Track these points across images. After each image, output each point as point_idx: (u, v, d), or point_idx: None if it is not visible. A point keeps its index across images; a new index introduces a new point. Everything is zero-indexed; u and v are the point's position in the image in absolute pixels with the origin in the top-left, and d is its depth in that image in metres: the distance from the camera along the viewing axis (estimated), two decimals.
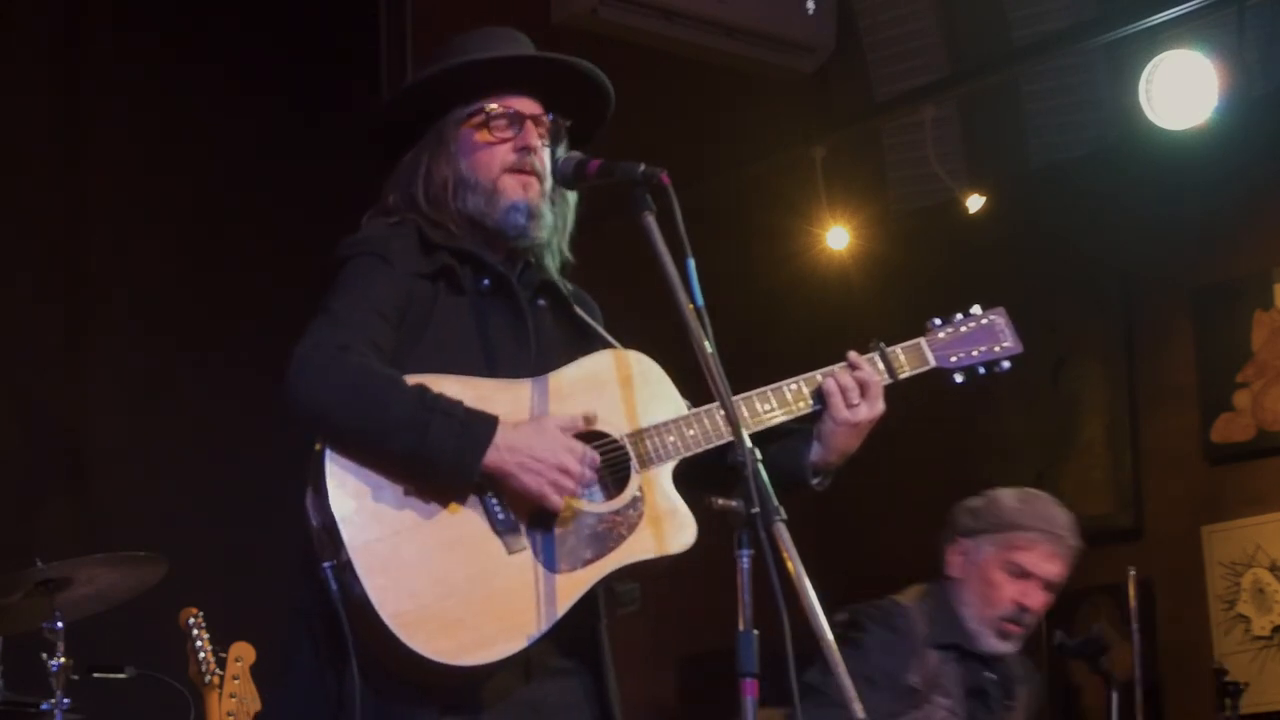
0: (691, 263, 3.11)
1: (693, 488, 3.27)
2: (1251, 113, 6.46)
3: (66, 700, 4.89)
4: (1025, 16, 7.34)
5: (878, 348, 3.51)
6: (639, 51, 6.72)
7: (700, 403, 3.35)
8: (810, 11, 6.75)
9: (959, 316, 3.63)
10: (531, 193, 3.37)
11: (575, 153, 3.40)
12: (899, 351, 3.53)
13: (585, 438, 3.24)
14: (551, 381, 3.28)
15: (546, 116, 3.43)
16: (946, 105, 7.42)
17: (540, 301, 3.42)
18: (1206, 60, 6.29)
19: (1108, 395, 7.25)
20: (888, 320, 3.67)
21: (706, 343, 3.09)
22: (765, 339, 7.02)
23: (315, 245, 3.42)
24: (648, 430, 3.29)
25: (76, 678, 4.93)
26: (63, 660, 4.88)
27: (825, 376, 3.44)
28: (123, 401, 6.27)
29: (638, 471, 3.26)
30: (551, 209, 3.41)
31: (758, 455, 2.99)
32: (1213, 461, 6.94)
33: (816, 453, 3.44)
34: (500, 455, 3.11)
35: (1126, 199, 7.13)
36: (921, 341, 3.57)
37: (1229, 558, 6.82)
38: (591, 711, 3.29)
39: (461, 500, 3.14)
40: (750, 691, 2.94)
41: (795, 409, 3.42)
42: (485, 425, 3.12)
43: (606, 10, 6.45)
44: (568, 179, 3.39)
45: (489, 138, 3.39)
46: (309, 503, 3.15)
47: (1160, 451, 7.09)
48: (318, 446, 3.13)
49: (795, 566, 2.94)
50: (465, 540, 3.13)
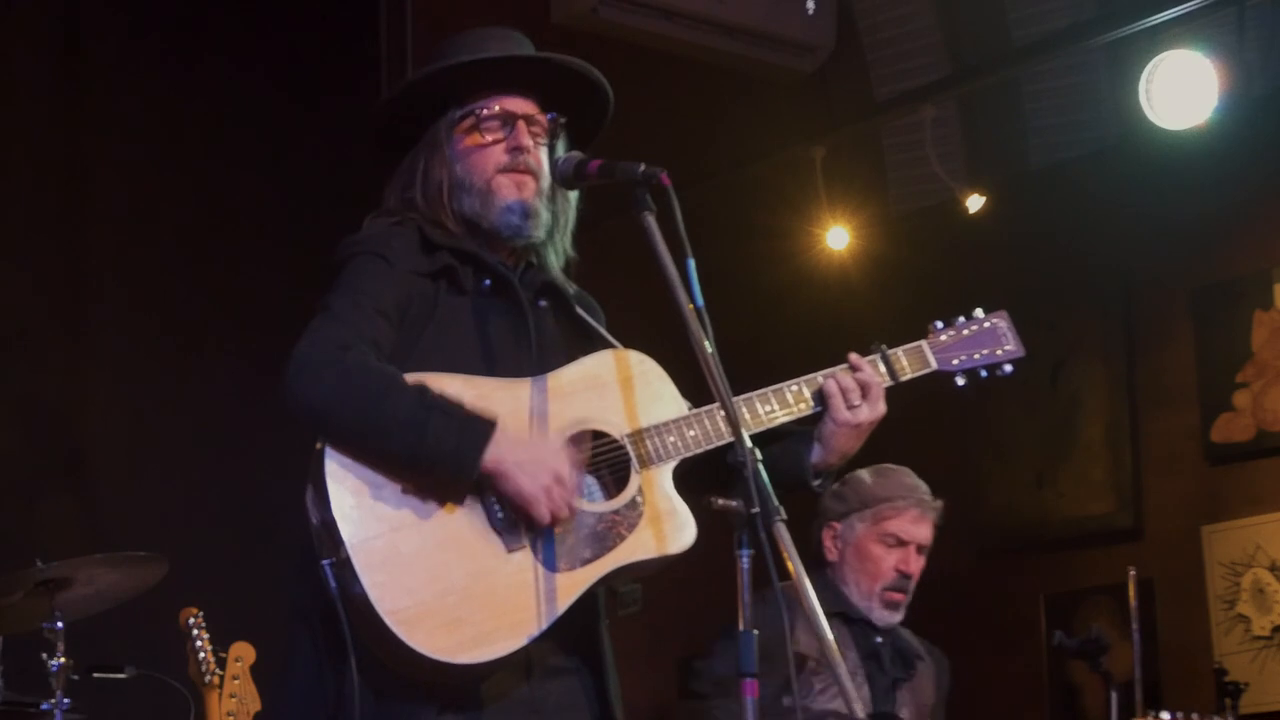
0: (691, 263, 3.11)
1: (693, 488, 3.27)
2: (1251, 113, 6.46)
3: (66, 700, 4.89)
4: (1025, 16, 7.33)
5: (879, 350, 3.51)
6: (639, 51, 6.72)
7: (700, 403, 3.35)
8: (810, 11, 6.74)
9: (961, 319, 3.63)
10: (526, 192, 3.37)
11: (575, 153, 3.39)
12: (900, 354, 3.53)
13: (585, 437, 3.24)
14: (552, 381, 3.28)
15: (544, 115, 3.43)
16: (946, 105, 7.42)
17: (542, 302, 3.42)
18: (1206, 60, 6.28)
19: (1108, 395, 7.24)
20: (888, 320, 3.67)
21: (706, 343, 3.09)
22: (765, 339, 7.01)
23: (316, 243, 3.42)
24: (648, 430, 3.29)
25: (76, 678, 4.93)
26: (63, 660, 4.88)
27: (826, 378, 3.44)
28: (123, 401, 6.27)
29: (638, 471, 3.26)
30: (550, 207, 3.40)
31: (758, 455, 2.99)
32: (1213, 461, 6.93)
33: (817, 454, 3.45)
34: (499, 457, 3.11)
35: (1126, 199, 7.12)
36: (923, 344, 3.57)
37: (1229, 558, 6.81)
38: (592, 711, 3.29)
39: (461, 498, 3.14)
40: (750, 691, 2.95)
41: (796, 410, 3.42)
42: (484, 426, 3.11)
43: (606, 10, 6.44)
44: (568, 179, 3.38)
45: (481, 139, 3.39)
46: (309, 501, 3.16)
47: (1160, 451, 7.08)
48: (319, 445, 3.14)
49: (795, 566, 2.95)
50: (464, 538, 3.13)
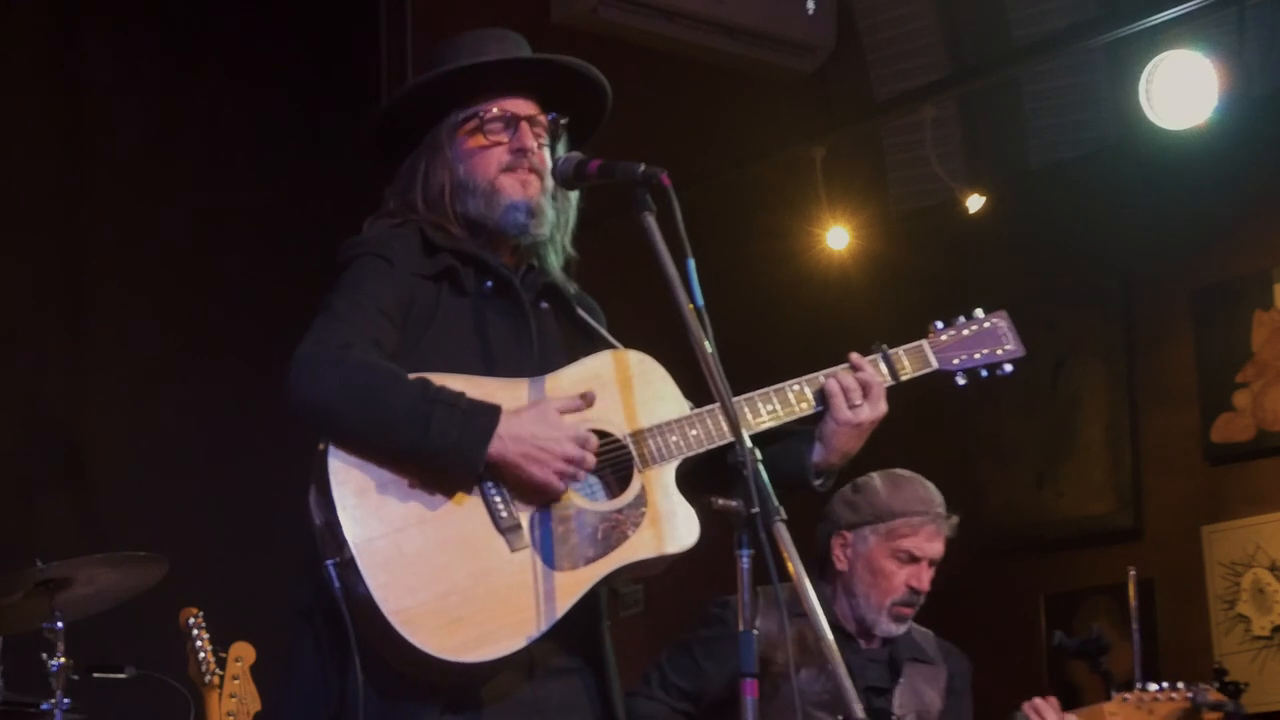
0: (691, 263, 3.11)
1: (695, 488, 3.27)
2: (1251, 113, 6.45)
3: (66, 700, 4.89)
4: (1025, 16, 7.33)
5: (880, 349, 3.52)
6: (639, 51, 6.72)
7: (702, 403, 3.35)
8: (810, 11, 6.74)
9: (961, 319, 3.64)
10: (531, 190, 3.38)
11: (575, 153, 3.40)
12: (901, 353, 3.54)
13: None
14: (553, 381, 3.28)
15: (545, 116, 3.43)
16: (946, 105, 7.41)
17: (543, 304, 3.42)
18: (1206, 60, 6.28)
19: (1108, 395, 7.24)
20: (888, 320, 3.67)
21: (706, 343, 3.09)
22: (765, 339, 7.01)
23: (316, 244, 3.43)
24: (650, 430, 3.29)
25: (76, 678, 4.93)
26: (63, 660, 4.88)
27: (828, 378, 3.44)
28: (123, 401, 6.27)
29: (640, 471, 3.27)
30: (553, 205, 3.41)
31: (758, 455, 2.99)
32: (1213, 461, 6.92)
33: (818, 453, 3.45)
34: (504, 445, 3.11)
35: (1126, 199, 7.11)
36: (924, 344, 3.58)
37: (1229, 558, 6.81)
38: (594, 711, 3.29)
39: (464, 497, 3.15)
40: (750, 692, 2.95)
41: (797, 410, 3.42)
42: (488, 415, 3.12)
43: (606, 10, 6.44)
44: (568, 179, 3.39)
45: (484, 141, 3.39)
46: (312, 501, 3.16)
47: (1160, 451, 7.07)
48: (321, 446, 3.14)
49: (795, 566, 2.95)
50: (468, 538, 3.13)
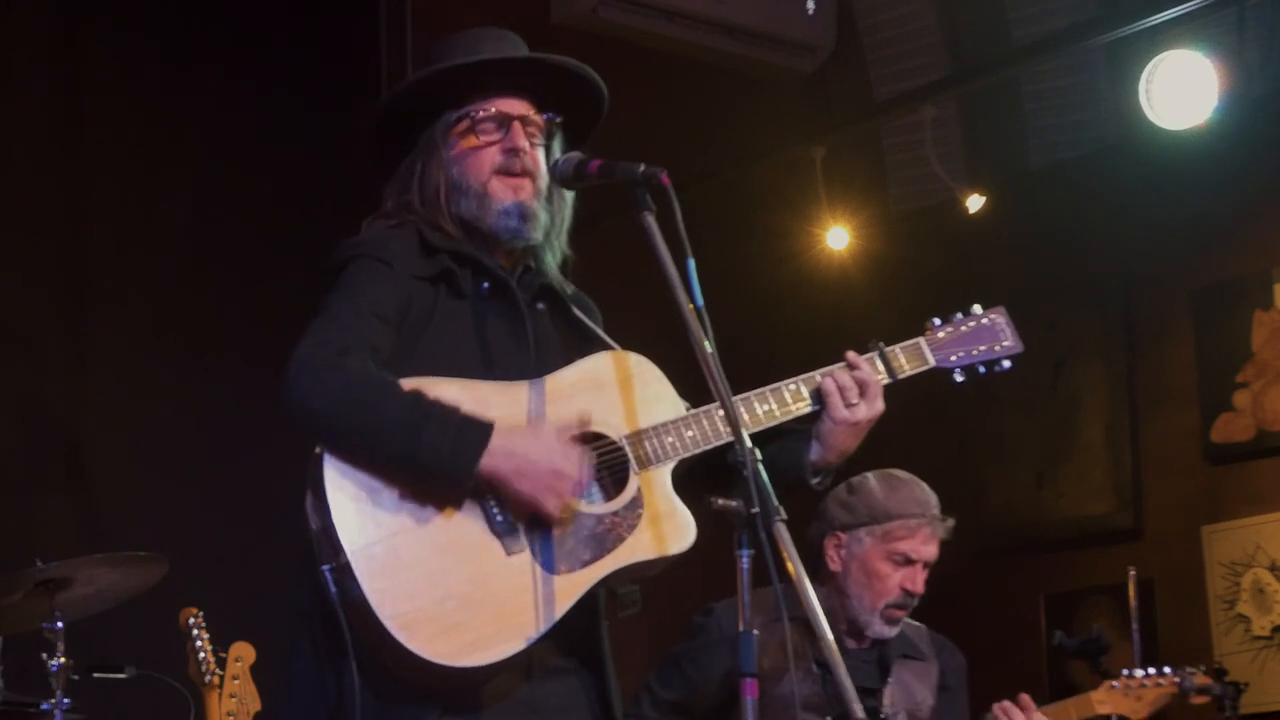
0: (691, 263, 3.11)
1: (692, 489, 3.27)
2: (1251, 113, 6.45)
3: (66, 700, 4.89)
4: (1025, 16, 7.33)
5: (877, 348, 3.51)
6: (639, 51, 6.72)
7: (700, 403, 3.34)
8: (810, 11, 6.75)
9: (959, 316, 3.63)
10: (523, 194, 3.37)
11: (575, 153, 3.39)
12: (898, 351, 3.53)
13: (583, 439, 3.24)
14: (550, 383, 3.27)
15: (540, 116, 3.43)
16: (946, 105, 7.41)
17: (539, 305, 3.42)
18: (1206, 60, 6.28)
19: (1108, 395, 7.24)
20: (888, 320, 3.67)
21: (706, 343, 3.09)
22: (765, 339, 7.01)
23: (315, 245, 3.42)
24: (646, 431, 3.29)
25: (76, 678, 4.93)
26: (63, 660, 4.88)
27: (824, 376, 3.44)
28: (123, 401, 6.26)
29: (636, 472, 3.26)
30: (547, 207, 3.40)
31: (757, 455, 2.99)
32: (1213, 461, 6.93)
33: (816, 452, 3.44)
34: (495, 461, 3.10)
35: (1126, 199, 7.12)
36: (921, 341, 3.57)
37: (1229, 558, 6.81)
38: (592, 712, 3.28)
39: (460, 502, 3.14)
40: (750, 691, 2.94)
41: (795, 409, 3.41)
42: (480, 431, 3.10)
43: (606, 10, 6.45)
44: (568, 179, 3.38)
45: (477, 141, 3.38)
46: (308, 506, 3.15)
47: (1160, 451, 7.08)
48: (316, 450, 3.13)
49: (795, 566, 2.95)
50: (464, 542, 3.13)
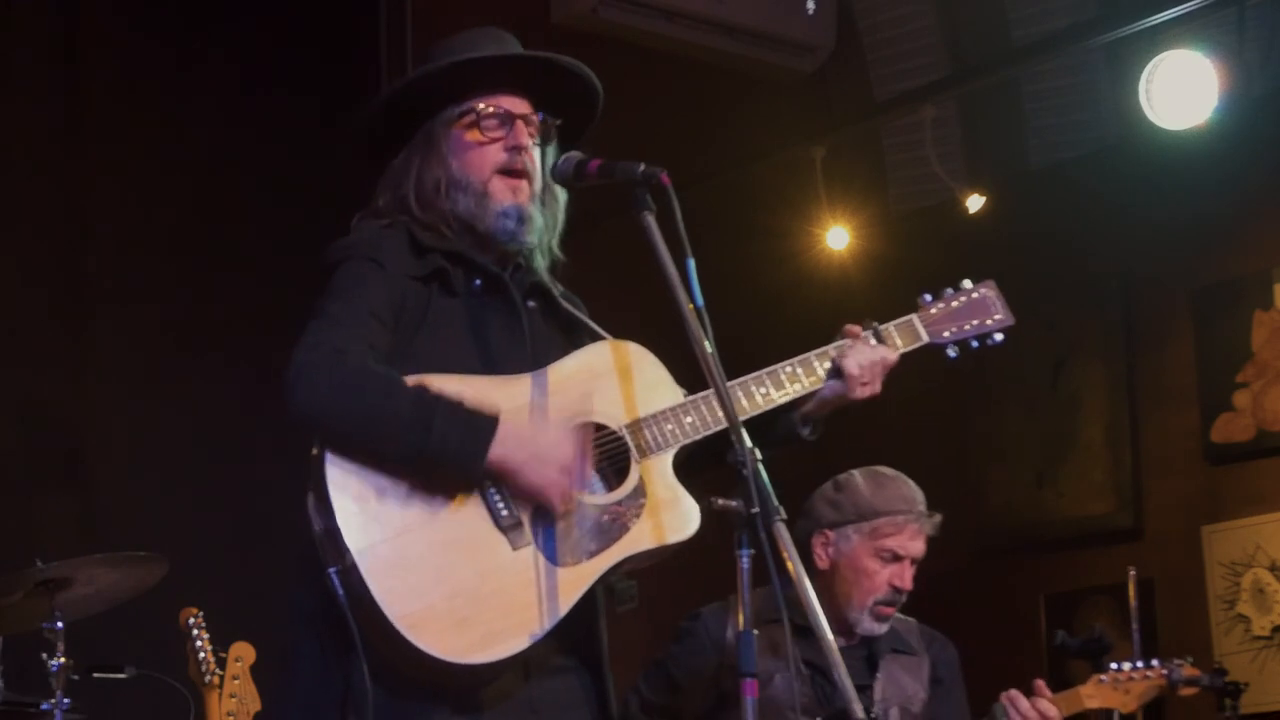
0: (691, 262, 3.12)
1: (693, 476, 3.28)
2: (1251, 113, 6.45)
3: (66, 700, 4.89)
4: (1025, 16, 7.33)
5: (872, 327, 3.58)
6: (639, 51, 6.72)
7: None
8: (810, 11, 6.75)
9: (950, 291, 3.72)
10: (522, 197, 3.38)
11: (575, 153, 3.40)
12: (893, 329, 3.61)
13: (585, 429, 3.24)
14: (549, 375, 3.28)
15: (536, 115, 3.43)
16: (946, 105, 7.41)
17: (530, 303, 3.42)
18: (1206, 60, 6.28)
19: (1108, 395, 7.24)
20: (888, 320, 3.69)
21: (706, 343, 3.09)
22: (765, 339, 6.98)
23: (315, 245, 3.42)
24: (646, 420, 3.30)
25: (76, 678, 4.93)
26: (63, 660, 4.87)
27: (846, 354, 3.48)
28: (123, 401, 6.26)
29: (637, 461, 3.27)
30: (542, 210, 3.41)
31: (758, 455, 3.00)
32: (1213, 461, 6.93)
33: (807, 405, 3.49)
34: (505, 451, 3.11)
35: (1126, 199, 7.12)
36: (914, 318, 3.65)
37: (1229, 558, 6.81)
38: (590, 710, 3.29)
39: (464, 498, 3.15)
40: (750, 691, 2.95)
41: (791, 391, 3.46)
42: (488, 422, 3.11)
43: (606, 10, 6.45)
44: (568, 179, 3.39)
45: (480, 137, 3.39)
46: (310, 508, 3.15)
47: (1160, 451, 7.07)
48: (315, 452, 3.13)
49: (795, 566, 2.95)
50: (469, 538, 3.13)
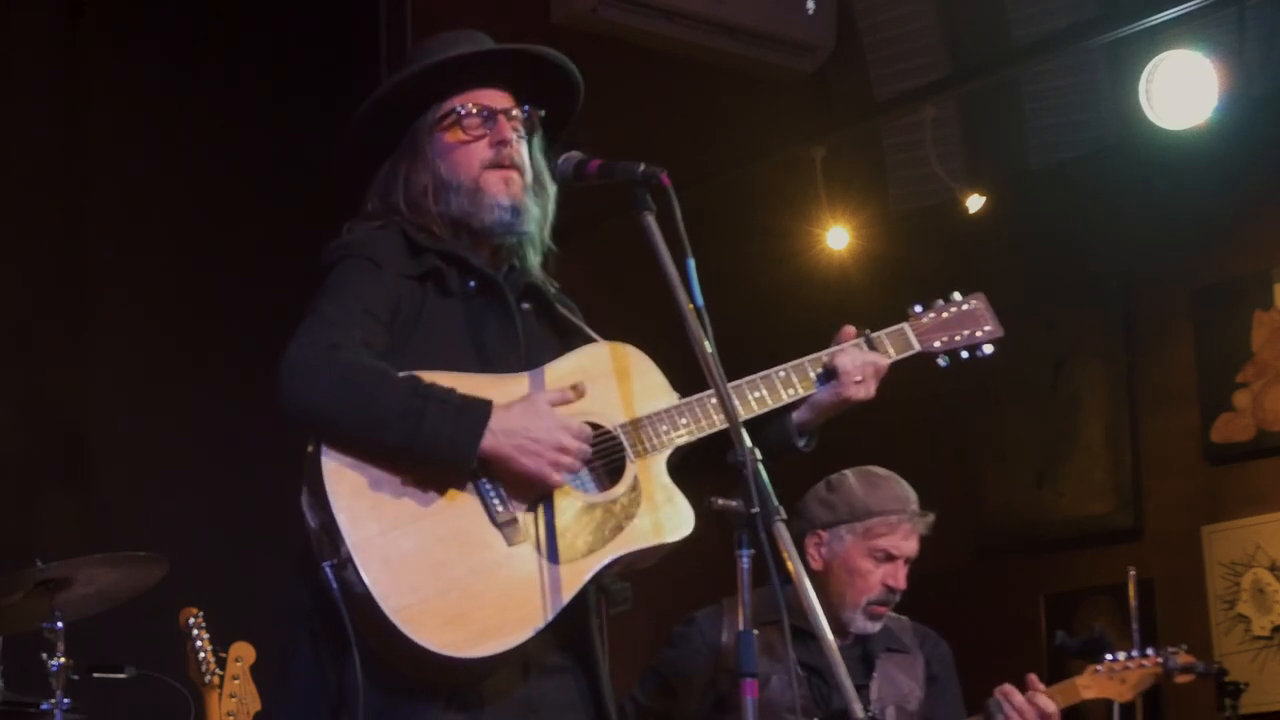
0: (691, 262, 3.12)
1: (688, 479, 3.28)
2: (1251, 113, 6.45)
3: (66, 700, 4.89)
4: (1025, 16, 7.33)
5: (864, 335, 3.59)
6: (639, 51, 6.72)
7: None
8: (810, 11, 6.75)
9: (940, 302, 3.74)
10: (514, 188, 3.38)
11: (575, 152, 3.40)
12: (884, 337, 3.62)
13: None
14: (545, 374, 3.29)
15: (520, 109, 3.43)
16: (946, 105, 7.41)
17: (525, 305, 3.43)
18: (1206, 60, 6.28)
19: (1108, 395, 7.24)
20: (888, 320, 3.70)
21: (706, 343, 3.10)
22: (765, 339, 6.98)
23: (316, 245, 3.42)
24: (642, 420, 3.31)
25: (76, 678, 4.93)
26: (63, 660, 4.88)
27: (833, 356, 3.50)
28: (123, 400, 6.26)
29: (633, 461, 3.28)
30: (536, 201, 3.42)
31: (757, 455, 3.00)
32: (1213, 461, 6.93)
33: (801, 415, 3.50)
34: (497, 439, 3.12)
35: (1126, 199, 7.12)
36: (905, 327, 3.67)
37: (1229, 558, 6.81)
38: (588, 710, 3.29)
39: (459, 493, 3.15)
40: (750, 691, 2.95)
41: (785, 396, 3.46)
42: (480, 410, 3.12)
43: (606, 10, 6.45)
44: (568, 179, 3.39)
45: (463, 136, 3.39)
46: (305, 504, 3.16)
47: (1160, 451, 7.08)
48: (310, 448, 3.14)
49: (795, 566, 2.95)
50: (465, 533, 3.14)
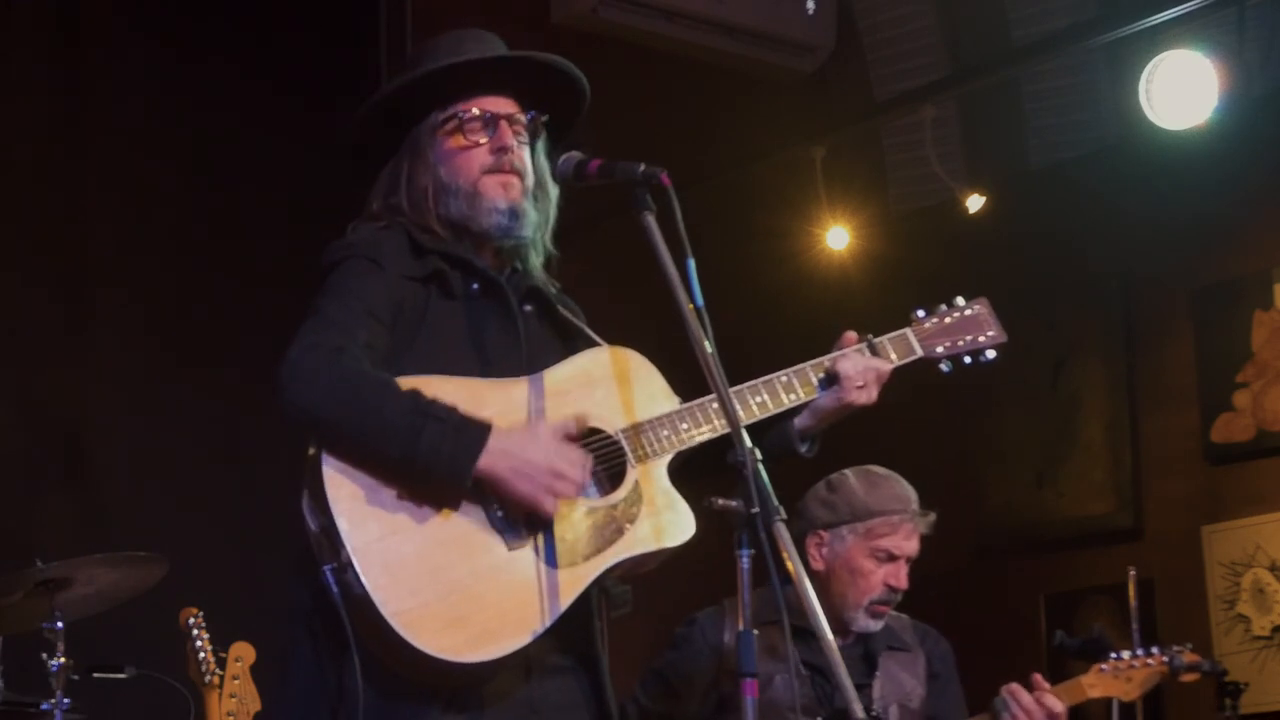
0: (691, 263, 3.12)
1: (689, 484, 3.28)
2: (1251, 113, 6.45)
3: (66, 700, 4.89)
4: (1025, 16, 7.33)
5: (867, 340, 3.58)
6: (639, 51, 6.72)
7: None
8: (810, 11, 6.75)
9: (943, 307, 3.72)
10: (513, 192, 3.38)
11: (575, 153, 3.40)
12: (887, 343, 3.60)
13: (580, 435, 3.24)
14: (545, 379, 3.28)
15: (524, 114, 3.43)
16: (946, 105, 7.41)
17: (527, 307, 3.42)
18: (1206, 60, 6.28)
19: (1108, 395, 7.24)
20: (888, 320, 3.69)
21: (706, 343, 3.10)
22: (765, 339, 6.99)
23: (316, 245, 3.42)
24: (642, 425, 3.30)
25: (76, 678, 4.93)
26: (63, 660, 4.88)
27: (835, 361, 3.50)
28: (123, 401, 6.26)
29: (634, 466, 3.27)
30: (535, 206, 3.42)
31: (757, 455, 3.00)
32: (1213, 461, 6.93)
33: (803, 420, 3.50)
34: (493, 461, 3.11)
35: (1126, 199, 7.12)
36: (908, 332, 3.66)
37: (1229, 558, 6.81)
38: (590, 711, 3.29)
39: (460, 498, 3.14)
40: (750, 691, 2.95)
41: (786, 401, 3.46)
42: (478, 431, 3.11)
43: (606, 10, 6.45)
44: (568, 179, 3.39)
45: (464, 141, 3.39)
46: (305, 507, 3.15)
47: (1160, 451, 7.08)
48: (311, 452, 3.13)
49: (795, 566, 2.95)
50: (465, 537, 3.13)
